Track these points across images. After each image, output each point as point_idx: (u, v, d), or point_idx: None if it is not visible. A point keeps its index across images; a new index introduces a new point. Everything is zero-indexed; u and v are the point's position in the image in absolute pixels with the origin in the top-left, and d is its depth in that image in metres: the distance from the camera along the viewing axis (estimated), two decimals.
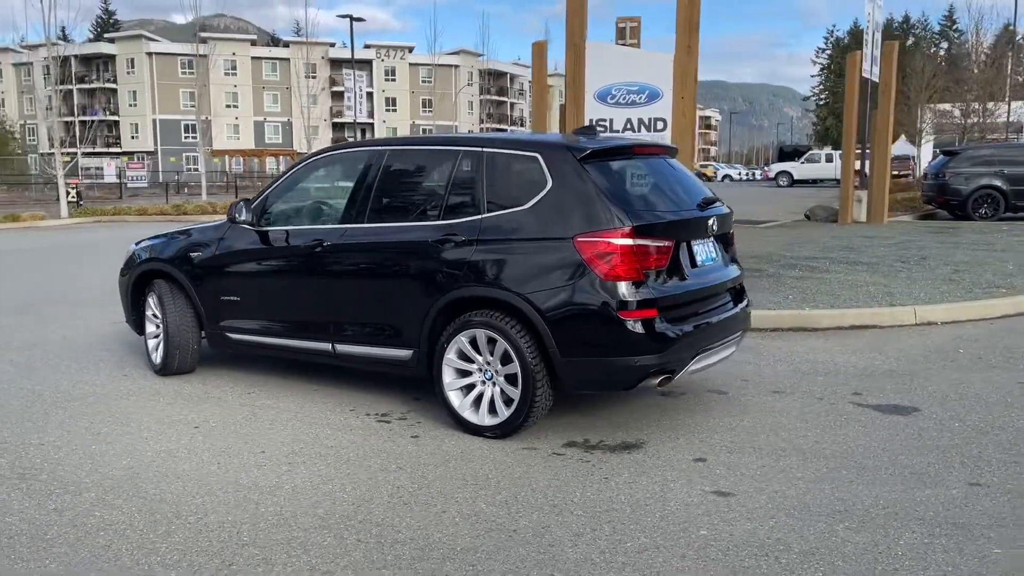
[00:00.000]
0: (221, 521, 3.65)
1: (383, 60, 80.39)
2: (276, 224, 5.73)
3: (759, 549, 3.35)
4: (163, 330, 6.08)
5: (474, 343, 4.74)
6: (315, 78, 61.67)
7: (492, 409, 4.73)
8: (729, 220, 5.33)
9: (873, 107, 19.15)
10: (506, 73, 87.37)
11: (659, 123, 9.17)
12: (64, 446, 4.65)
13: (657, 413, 5.16)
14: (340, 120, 73.76)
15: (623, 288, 4.40)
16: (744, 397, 5.52)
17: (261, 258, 5.71)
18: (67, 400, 5.57)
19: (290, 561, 3.29)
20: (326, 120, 74.07)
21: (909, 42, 69.32)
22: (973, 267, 10.63)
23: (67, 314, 8.75)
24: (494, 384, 4.73)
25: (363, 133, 68.69)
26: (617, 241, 4.40)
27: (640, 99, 9.22)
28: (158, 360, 6.18)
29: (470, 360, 4.79)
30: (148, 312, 6.30)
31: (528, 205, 4.67)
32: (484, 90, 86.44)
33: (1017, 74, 36.15)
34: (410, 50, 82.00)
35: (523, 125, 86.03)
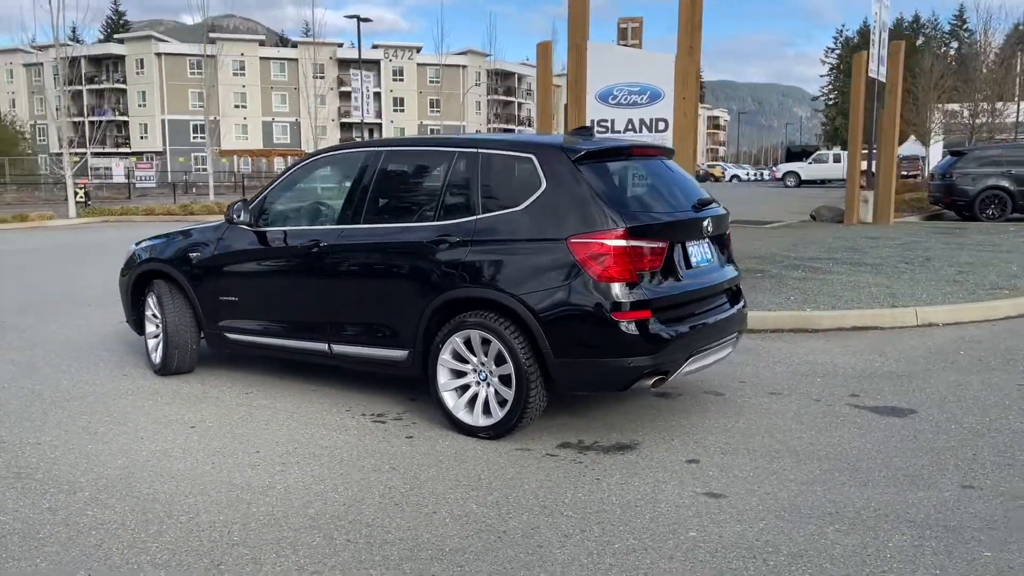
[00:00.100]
0: (212, 521, 3.67)
1: (391, 60, 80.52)
2: (274, 225, 5.75)
3: (747, 551, 3.34)
4: (162, 330, 6.11)
5: (468, 344, 4.75)
6: (323, 78, 61.88)
7: (486, 410, 4.74)
8: (725, 221, 5.32)
9: (880, 107, 19.08)
10: (513, 73, 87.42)
11: (660, 124, 9.16)
12: (61, 445, 4.68)
13: (652, 414, 5.16)
14: (348, 120, 73.91)
15: (616, 289, 4.40)
16: (741, 398, 5.51)
17: (259, 258, 5.73)
18: (66, 399, 5.60)
19: (279, 561, 3.30)
20: (334, 120, 74.33)
21: (919, 42, 69.07)
22: (977, 268, 10.58)
23: (70, 313, 8.80)
24: (488, 385, 4.73)
25: (371, 133, 68.89)
26: (610, 242, 4.39)
27: (641, 100, 9.21)
28: (157, 360, 6.21)
29: (465, 361, 4.79)
30: (148, 312, 6.33)
31: (523, 206, 4.67)
32: (491, 90, 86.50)
33: None
34: (418, 50, 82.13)
35: (530, 125, 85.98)
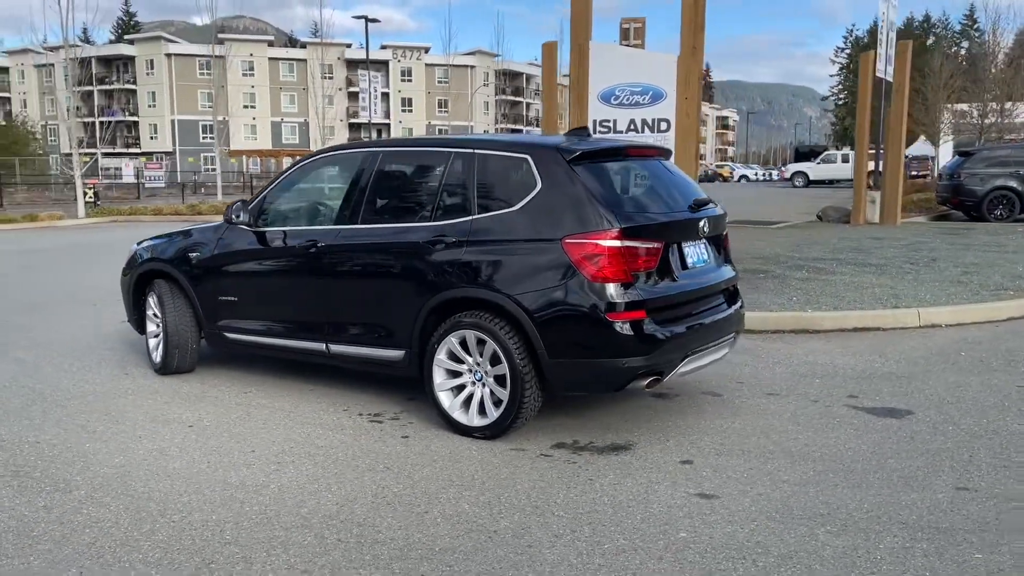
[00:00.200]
0: (205, 520, 3.69)
1: (399, 61, 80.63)
2: (273, 225, 5.77)
3: (737, 552, 3.34)
4: (162, 330, 6.14)
5: (464, 344, 4.76)
6: (331, 79, 62.02)
7: (482, 410, 4.74)
8: (722, 222, 5.31)
9: (888, 107, 19.01)
10: (522, 73, 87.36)
11: (663, 124, 9.15)
12: (59, 444, 4.71)
13: (648, 415, 5.15)
14: (356, 121, 74.02)
15: (611, 289, 4.40)
16: (738, 399, 5.50)
17: (257, 258, 5.76)
18: (67, 398, 5.64)
19: (269, 560, 3.31)
20: (342, 120, 74.43)
21: (930, 41, 68.75)
22: (983, 269, 10.54)
23: (74, 313, 8.85)
24: (484, 385, 4.74)
25: (379, 133, 68.99)
26: (605, 243, 4.40)
27: (644, 100, 9.20)
28: (158, 359, 6.24)
29: (460, 361, 4.80)
30: (149, 312, 6.37)
31: (518, 206, 4.68)
32: (500, 90, 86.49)
33: None
34: (426, 51, 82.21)
35: (538, 125, 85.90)
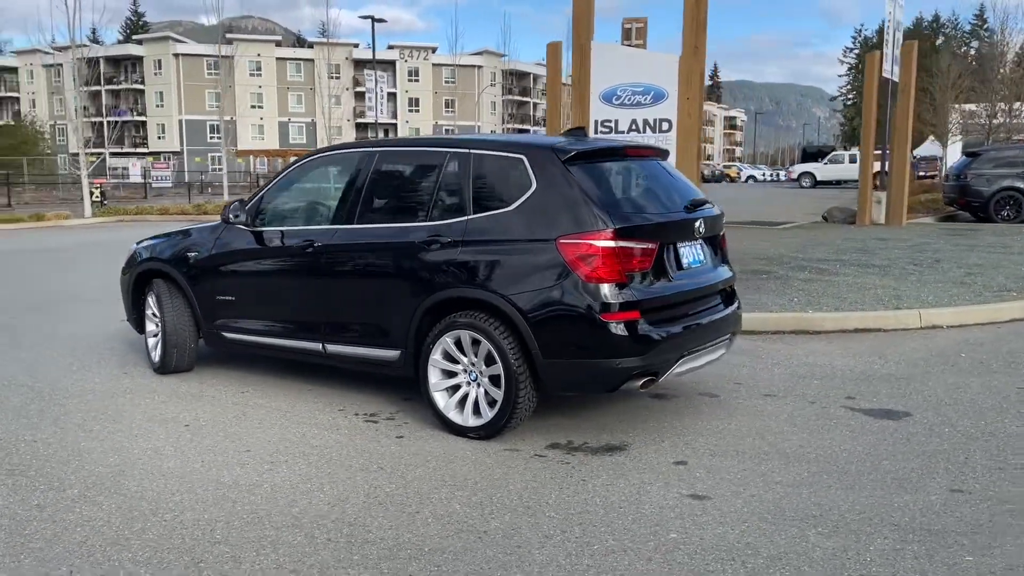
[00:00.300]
0: (197, 519, 3.70)
1: (406, 61, 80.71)
2: (270, 224, 5.78)
3: (727, 553, 3.33)
4: (161, 329, 6.16)
5: (459, 344, 4.76)
6: (338, 79, 62.06)
7: (476, 410, 4.74)
8: (719, 222, 5.30)
9: (894, 107, 18.93)
10: (529, 73, 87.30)
11: (664, 124, 9.13)
12: (55, 442, 4.73)
13: (644, 415, 5.14)
14: (363, 120, 74.14)
15: (605, 290, 4.39)
16: (735, 400, 5.48)
17: (254, 258, 5.77)
18: (65, 397, 5.66)
19: (258, 559, 3.32)
20: (349, 120, 74.54)
21: (939, 41, 68.49)
22: (987, 270, 10.48)
23: (77, 312, 8.88)
24: (478, 385, 4.74)
25: (386, 133, 69.12)
26: (599, 243, 4.39)
27: (645, 100, 9.19)
28: (157, 359, 6.26)
29: (455, 361, 4.80)
30: (148, 311, 6.38)
31: (513, 206, 4.68)
32: (507, 90, 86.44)
33: None
34: (433, 50, 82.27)
35: (545, 125, 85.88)
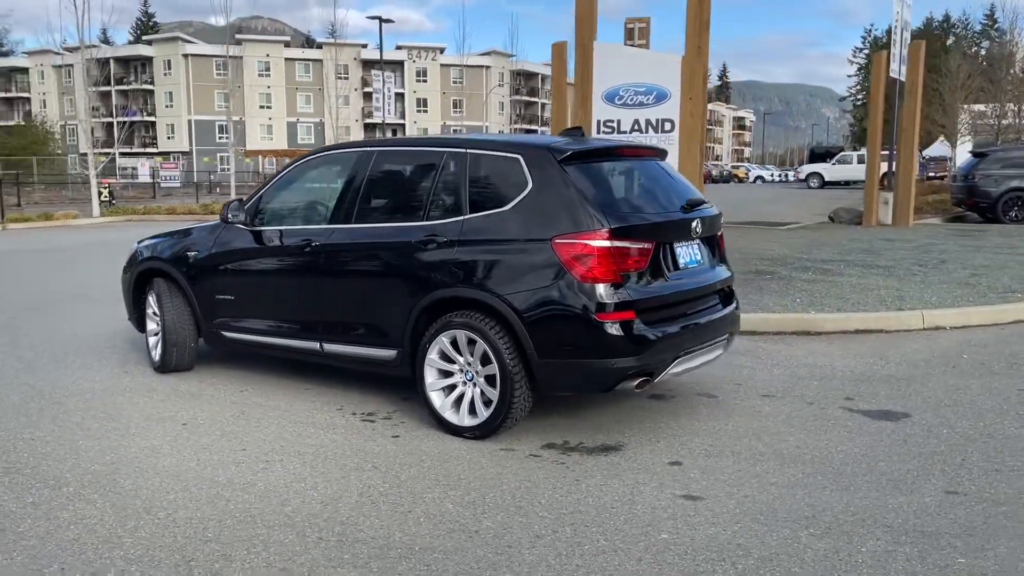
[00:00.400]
0: (189, 517, 3.70)
1: (414, 61, 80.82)
2: (269, 224, 5.79)
3: (718, 554, 3.32)
4: (161, 328, 6.18)
5: (455, 344, 4.76)
6: (346, 79, 62.16)
7: (472, 410, 4.74)
8: (717, 222, 5.28)
9: (901, 107, 18.85)
10: (537, 74, 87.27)
11: (667, 124, 9.12)
12: (53, 441, 4.75)
13: (641, 416, 5.13)
14: (371, 121, 74.24)
15: (600, 290, 4.38)
16: (733, 401, 5.47)
17: (253, 257, 5.78)
18: (64, 396, 5.68)
19: (248, 558, 3.32)
20: (357, 121, 74.74)
21: (949, 41, 68.19)
22: (992, 271, 10.42)
23: (80, 311, 8.92)
24: (474, 385, 4.74)
25: (393, 133, 69.21)
26: (594, 243, 4.38)
27: (648, 100, 9.18)
28: (157, 358, 6.28)
29: (451, 361, 4.80)
30: (148, 310, 6.41)
31: (509, 206, 4.68)
32: (515, 90, 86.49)
33: None
34: (441, 51, 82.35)
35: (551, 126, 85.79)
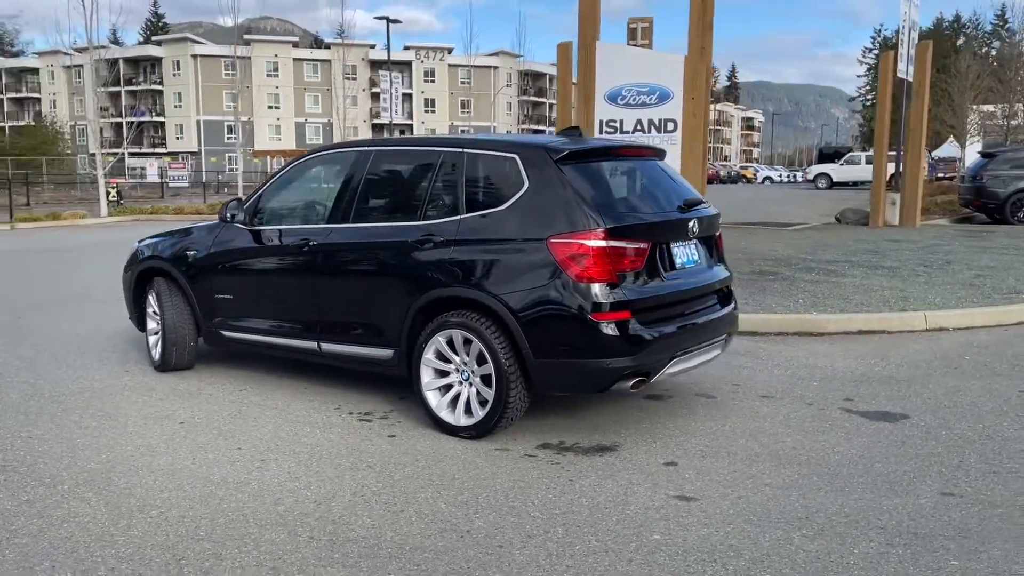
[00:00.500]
0: (182, 516, 3.71)
1: (422, 61, 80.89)
2: (267, 223, 5.80)
3: (709, 555, 3.31)
4: (161, 327, 6.19)
5: (451, 343, 4.76)
6: (355, 79, 62.27)
7: (468, 410, 4.74)
8: (715, 222, 5.26)
9: (908, 108, 18.77)
10: (545, 74, 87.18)
11: (669, 124, 9.09)
12: (50, 439, 4.77)
13: (638, 416, 5.12)
14: (379, 121, 74.35)
15: (596, 290, 4.37)
16: (732, 401, 5.45)
17: (252, 257, 5.79)
18: (64, 395, 5.70)
19: (239, 556, 3.33)
20: (365, 121, 74.83)
21: (960, 42, 67.91)
22: (998, 272, 10.37)
23: (83, 311, 8.96)
24: (470, 385, 4.73)
25: (401, 134, 69.24)
26: (590, 243, 4.37)
27: (650, 100, 9.16)
28: (157, 357, 6.30)
29: (448, 360, 4.80)
30: (149, 309, 6.42)
31: (505, 206, 4.67)
32: (522, 91, 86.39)
33: None
34: (449, 51, 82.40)
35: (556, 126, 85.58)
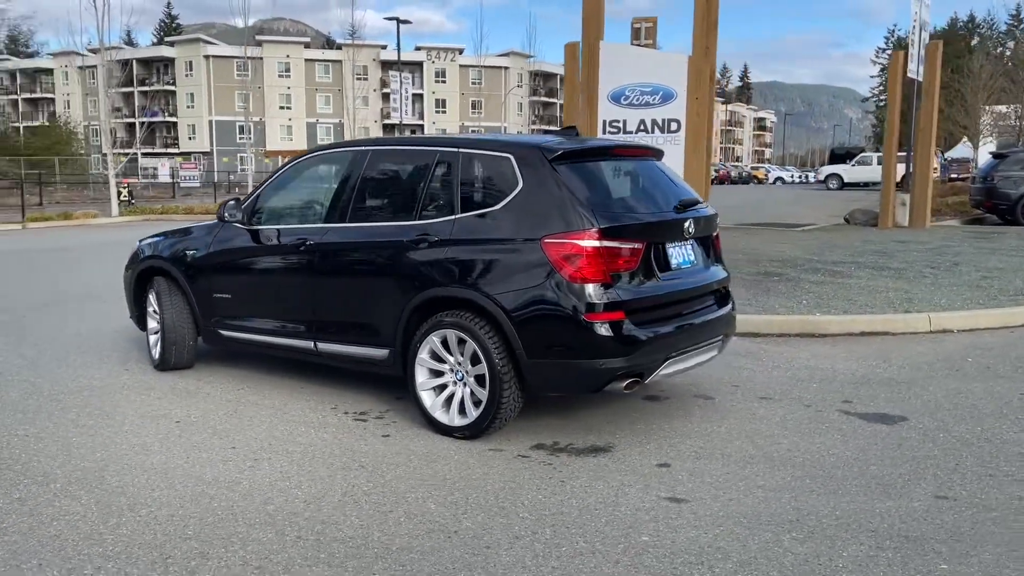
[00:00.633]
0: (172, 515, 3.72)
1: (433, 62, 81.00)
2: (265, 223, 5.81)
3: (696, 557, 3.28)
4: (160, 326, 6.21)
5: (445, 343, 4.75)
6: (365, 80, 62.37)
7: (462, 410, 4.73)
8: (712, 222, 5.24)
9: (918, 108, 18.65)
10: (555, 74, 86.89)
11: (673, 124, 9.06)
12: (46, 437, 4.78)
13: (633, 417, 5.10)
14: (390, 122, 74.49)
15: (589, 290, 4.35)
16: (729, 403, 5.41)
17: (250, 256, 5.80)
18: (63, 393, 5.72)
19: (225, 556, 3.33)
20: (376, 121, 74.97)
21: (974, 42, 67.48)
22: (1005, 274, 10.27)
23: (86, 310, 9.00)
24: (464, 385, 4.72)
25: (412, 134, 69.31)
26: (584, 243, 4.35)
27: (654, 100, 9.13)
28: (156, 356, 6.32)
29: (442, 360, 4.79)
30: (149, 308, 6.44)
31: (500, 206, 4.66)
32: (533, 91, 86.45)
33: None
34: (460, 52, 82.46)
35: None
